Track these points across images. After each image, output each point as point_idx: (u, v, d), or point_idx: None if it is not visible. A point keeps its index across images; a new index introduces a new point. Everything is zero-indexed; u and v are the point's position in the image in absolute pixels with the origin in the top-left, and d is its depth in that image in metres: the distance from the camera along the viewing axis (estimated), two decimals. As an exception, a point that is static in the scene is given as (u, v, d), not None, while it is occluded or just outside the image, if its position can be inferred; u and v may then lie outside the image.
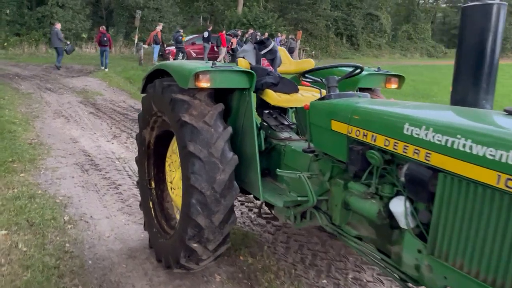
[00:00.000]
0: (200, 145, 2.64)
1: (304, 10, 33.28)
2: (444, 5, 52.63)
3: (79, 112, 9.14)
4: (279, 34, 26.99)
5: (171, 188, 3.34)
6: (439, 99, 12.41)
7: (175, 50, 23.52)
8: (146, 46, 19.94)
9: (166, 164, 3.41)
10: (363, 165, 2.25)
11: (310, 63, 3.56)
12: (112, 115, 8.91)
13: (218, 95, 2.99)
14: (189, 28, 40.61)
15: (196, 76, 2.68)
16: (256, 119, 2.99)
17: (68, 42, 17.72)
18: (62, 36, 17.02)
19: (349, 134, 2.32)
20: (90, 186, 4.87)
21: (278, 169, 2.78)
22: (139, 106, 10.03)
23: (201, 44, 23.18)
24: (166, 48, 23.93)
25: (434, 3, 52.33)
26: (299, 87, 3.28)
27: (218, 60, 22.24)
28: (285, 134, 3.26)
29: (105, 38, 17.34)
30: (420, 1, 52.60)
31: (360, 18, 39.22)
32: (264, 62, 3.39)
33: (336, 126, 2.43)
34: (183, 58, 21.32)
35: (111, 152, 6.24)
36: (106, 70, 17.17)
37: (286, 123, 3.39)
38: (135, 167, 5.49)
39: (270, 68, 3.34)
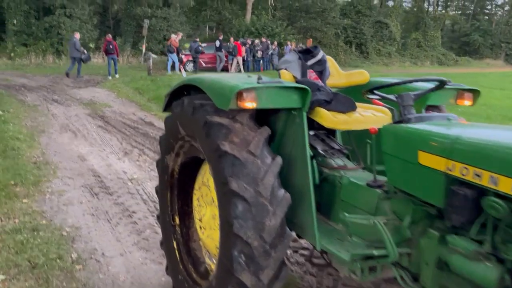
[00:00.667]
0: (245, 182, 2.08)
1: (313, 18, 32.84)
2: (453, 13, 52.07)
3: (87, 125, 8.63)
4: (288, 43, 26.55)
5: (200, 227, 2.78)
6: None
7: (184, 60, 23.20)
8: (155, 56, 19.74)
9: (194, 197, 2.85)
10: (472, 214, 1.68)
11: (363, 75, 3.00)
12: (122, 129, 8.39)
13: (259, 116, 2.44)
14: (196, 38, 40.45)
15: (239, 94, 2.14)
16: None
17: (85, 51, 17.80)
18: (80, 46, 17.20)
19: (449, 172, 1.75)
20: (100, 213, 4.32)
21: (346, 214, 2.21)
22: (150, 119, 9.55)
23: (210, 53, 22.80)
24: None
25: (443, 11, 51.80)
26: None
27: (232, 70, 21.82)
28: (338, 162, 2.69)
29: (110, 46, 17.27)
30: (429, 9, 52.13)
31: (369, 26, 38.74)
32: (312, 75, 2.83)
33: (427, 159, 1.86)
34: (194, 69, 20.93)
35: (123, 172, 5.70)
36: (117, 76, 17.03)
37: (336, 147, 2.82)
38: (149, 190, 4.95)
39: (320, 82, 2.78)
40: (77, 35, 17.36)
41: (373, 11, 39.01)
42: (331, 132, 2.95)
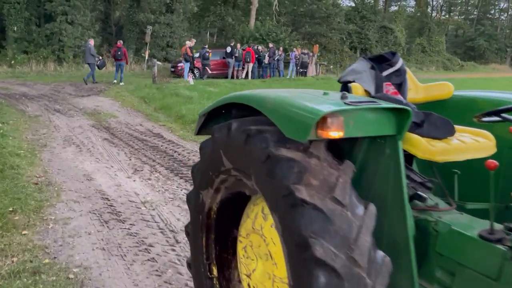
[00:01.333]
0: (333, 245, 1.48)
1: (318, 23, 32.36)
2: (457, 18, 51.65)
3: (92, 138, 8.05)
4: (294, 49, 26.03)
5: (248, 285, 2.17)
6: None
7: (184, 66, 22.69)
8: (159, 63, 19.53)
9: (239, 245, 2.24)
10: None
11: (446, 88, 2.41)
12: (130, 142, 7.81)
13: (332, 144, 1.84)
14: (197, 44, 39.91)
15: (322, 120, 1.54)
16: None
17: (100, 57, 18.13)
18: (95, 52, 17.51)
19: None
20: (112, 248, 3.71)
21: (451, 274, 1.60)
22: (158, 130, 8.96)
23: (215, 59, 22.28)
24: (178, 65, 23.08)
25: (447, 15, 51.36)
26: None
27: (243, 77, 21.29)
28: (428, 200, 2.08)
29: (119, 53, 17.33)
30: (433, 14, 51.75)
31: (374, 32, 38.28)
32: (389, 89, 2.23)
33: None
34: (202, 75, 20.38)
35: (134, 194, 5.10)
36: (121, 84, 16.83)
37: (418, 179, 2.21)
38: (166, 215, 4.36)
39: (401, 98, 2.19)
40: (92, 42, 17.80)
41: (378, 16, 38.53)
42: (407, 160, 2.35)
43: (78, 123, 9.50)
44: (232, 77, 21.45)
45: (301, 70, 23.82)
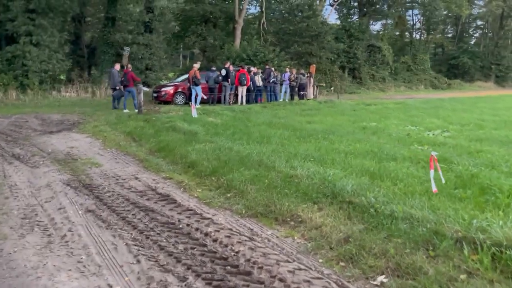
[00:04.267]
0: None
1: (307, 42, 30.37)
2: (439, 36, 51.18)
3: (69, 211, 5.23)
4: (287, 69, 23.69)
5: None
6: None
7: (171, 91, 20.19)
8: (146, 88, 17.16)
9: None
10: None
11: None
12: (128, 216, 5.04)
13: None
14: (170, 68, 37.21)
15: None
16: None
17: (117, 87, 16.37)
18: (118, 78, 16.20)
19: None
20: None
21: None
22: (164, 187, 6.08)
23: (202, 82, 19.70)
24: (162, 89, 20.45)
25: (428, 36, 50.63)
26: None
27: (231, 101, 18.75)
28: None
29: (122, 79, 16.00)
30: (414, 34, 51.15)
31: (362, 50, 36.78)
32: None
33: None
34: (195, 100, 17.73)
35: None
36: (125, 111, 15.05)
37: None
38: None
39: None
40: (117, 67, 16.68)
41: (365, 34, 37.09)
42: None
43: (45, 179, 6.64)
44: (219, 102, 18.86)
45: (302, 93, 21.48)
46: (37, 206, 5.39)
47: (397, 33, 50.18)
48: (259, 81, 20.18)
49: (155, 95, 20.14)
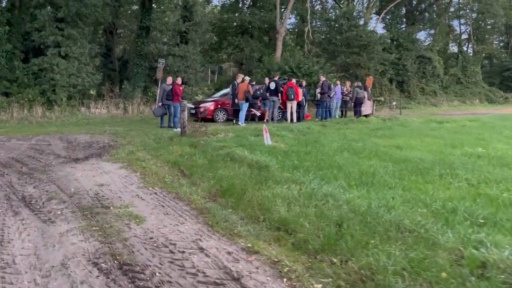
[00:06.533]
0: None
1: (356, 53, 27.69)
2: (492, 46, 47.47)
3: None
4: (338, 83, 21.01)
5: None
6: None
7: (212, 107, 17.97)
8: (191, 105, 14.99)
9: None
10: None
11: None
12: None
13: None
14: (201, 83, 35.05)
15: None
16: None
17: (160, 104, 15.16)
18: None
19: None
20: None
21: None
22: (259, 277, 3.64)
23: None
24: (201, 105, 18.23)
25: (482, 46, 46.89)
26: None
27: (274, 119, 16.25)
28: None
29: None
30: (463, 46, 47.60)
31: (412, 62, 33.80)
32: None
33: None
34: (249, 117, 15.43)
35: None
36: (175, 130, 12.96)
37: None
38: None
39: None
40: (169, 80, 15.31)
41: (415, 45, 34.09)
42: None
43: (61, 251, 4.19)
44: (267, 120, 16.35)
45: (360, 109, 18.78)
46: (37, 328, 2.90)
47: (440, 43, 46.91)
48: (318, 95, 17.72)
49: (193, 112, 17.91)
